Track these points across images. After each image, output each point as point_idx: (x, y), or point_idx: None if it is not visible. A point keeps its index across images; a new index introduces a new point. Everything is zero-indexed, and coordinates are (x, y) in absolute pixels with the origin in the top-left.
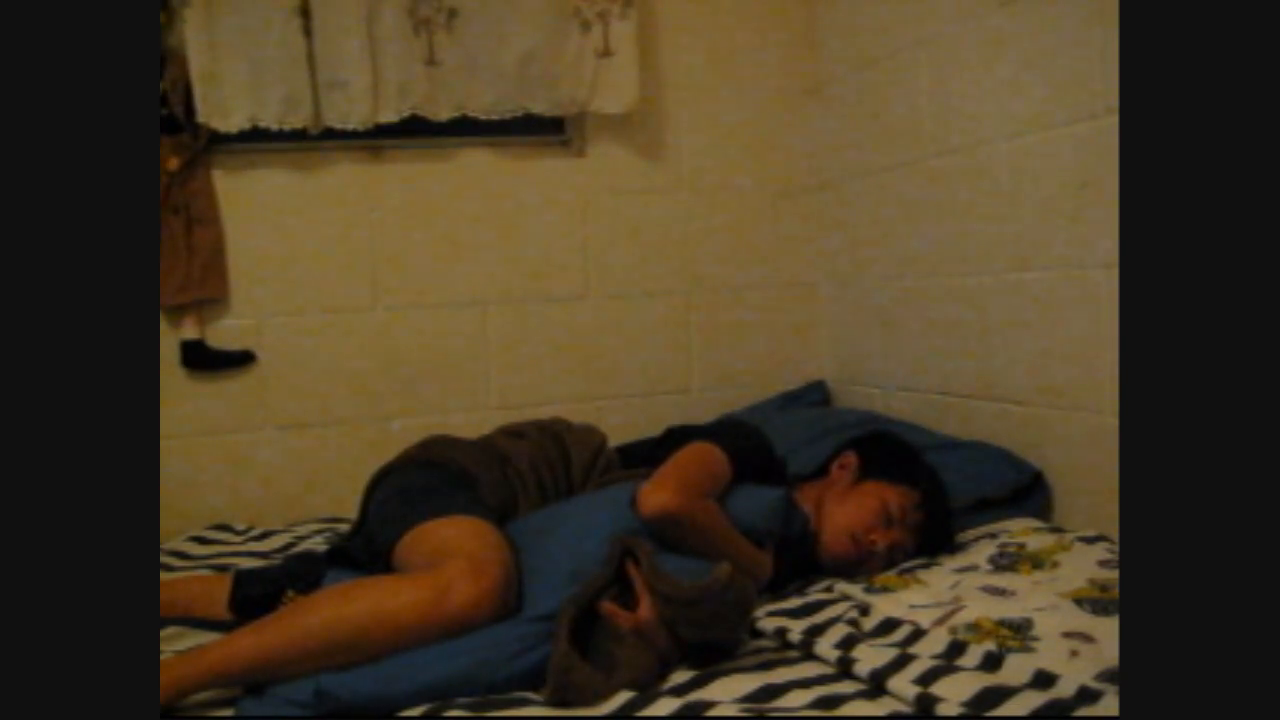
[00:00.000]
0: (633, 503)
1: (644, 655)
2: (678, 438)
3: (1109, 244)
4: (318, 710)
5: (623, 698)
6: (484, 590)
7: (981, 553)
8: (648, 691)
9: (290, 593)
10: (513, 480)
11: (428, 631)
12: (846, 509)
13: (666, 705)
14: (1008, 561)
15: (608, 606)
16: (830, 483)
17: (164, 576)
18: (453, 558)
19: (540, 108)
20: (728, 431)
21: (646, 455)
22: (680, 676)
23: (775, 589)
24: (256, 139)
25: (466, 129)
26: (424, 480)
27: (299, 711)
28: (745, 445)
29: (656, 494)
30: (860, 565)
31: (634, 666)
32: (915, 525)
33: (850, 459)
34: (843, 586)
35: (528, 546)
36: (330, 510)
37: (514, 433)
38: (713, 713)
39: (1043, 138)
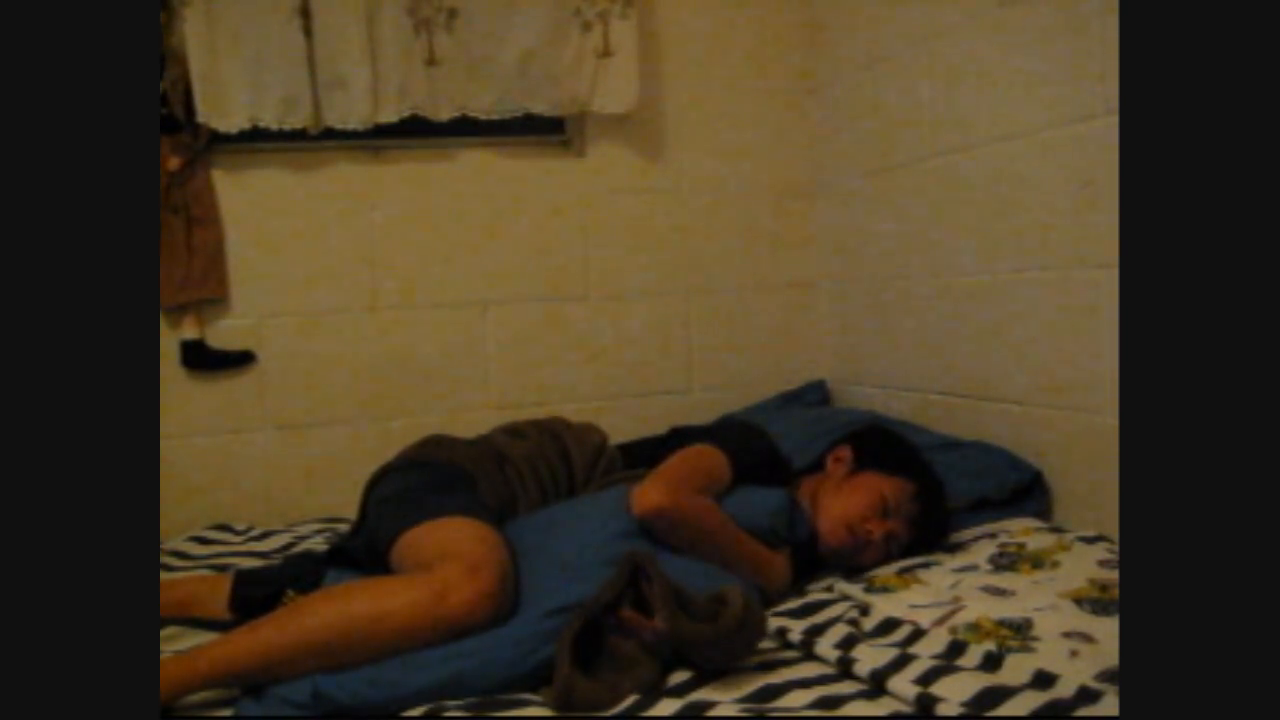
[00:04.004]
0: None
1: (650, 664)
2: (680, 438)
3: (1109, 244)
4: (315, 711)
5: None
6: (481, 592)
7: (981, 553)
8: (649, 692)
9: (290, 593)
10: (512, 480)
11: (425, 633)
12: (842, 499)
13: (667, 706)
14: (1008, 561)
15: (630, 616)
16: (826, 475)
17: (164, 576)
18: (450, 559)
19: (540, 108)
20: (729, 433)
21: (650, 455)
22: (680, 676)
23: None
24: (256, 139)
25: (466, 129)
26: (422, 481)
27: (296, 712)
28: (746, 447)
29: (649, 493)
30: (856, 556)
31: (639, 676)
32: (910, 516)
33: (845, 451)
34: (843, 586)
35: (527, 547)
36: (330, 510)
37: (513, 432)
38: (713, 713)
39: (1043, 138)
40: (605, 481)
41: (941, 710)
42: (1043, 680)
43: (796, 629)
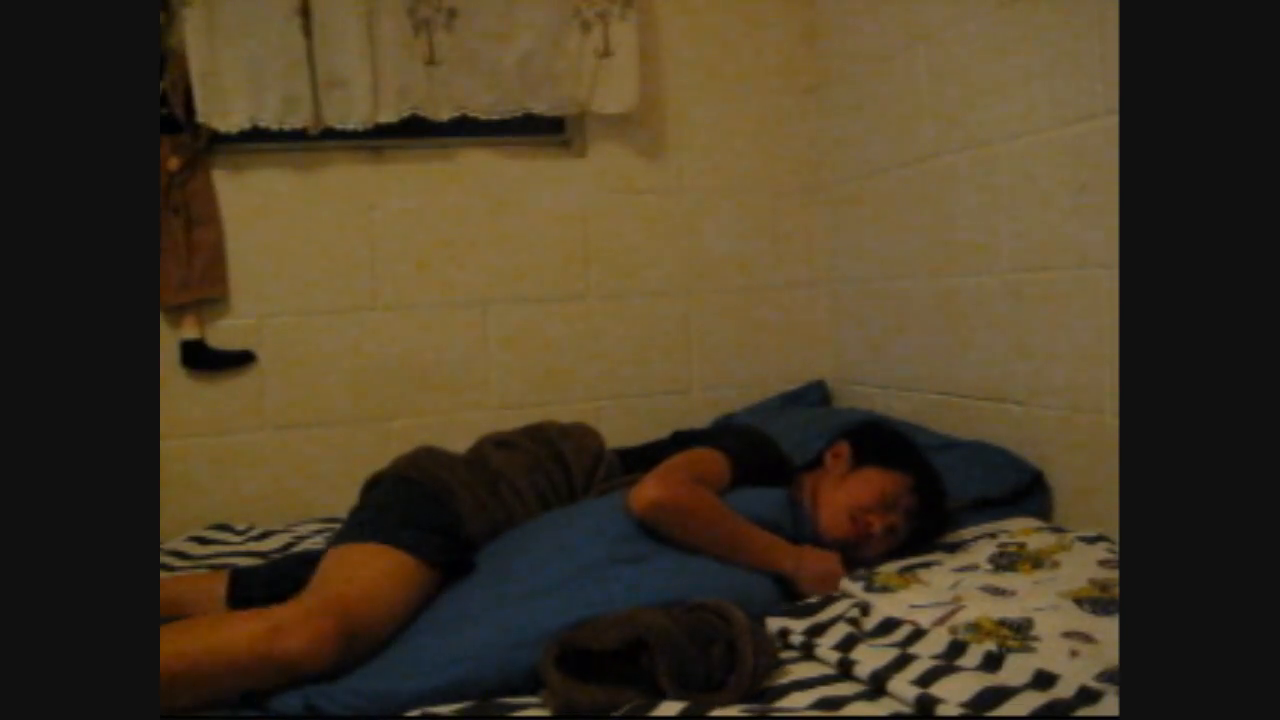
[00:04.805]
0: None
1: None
2: (680, 442)
3: (1109, 244)
4: None
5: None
6: (315, 636)
7: (981, 553)
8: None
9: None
10: (508, 499)
11: (256, 671)
12: (843, 494)
13: (669, 707)
14: (1008, 561)
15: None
16: (825, 471)
17: (163, 576)
18: (313, 593)
19: (540, 108)
20: (728, 435)
21: (650, 459)
22: None
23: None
24: (256, 139)
25: (466, 129)
26: (383, 500)
27: None
28: (746, 449)
29: (644, 489)
30: (857, 550)
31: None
32: (909, 509)
33: (843, 448)
34: (843, 585)
35: (524, 549)
36: (330, 510)
37: (505, 444)
38: (714, 713)
39: (1043, 138)
40: (606, 487)
41: (941, 711)
42: (1043, 680)
43: (797, 629)
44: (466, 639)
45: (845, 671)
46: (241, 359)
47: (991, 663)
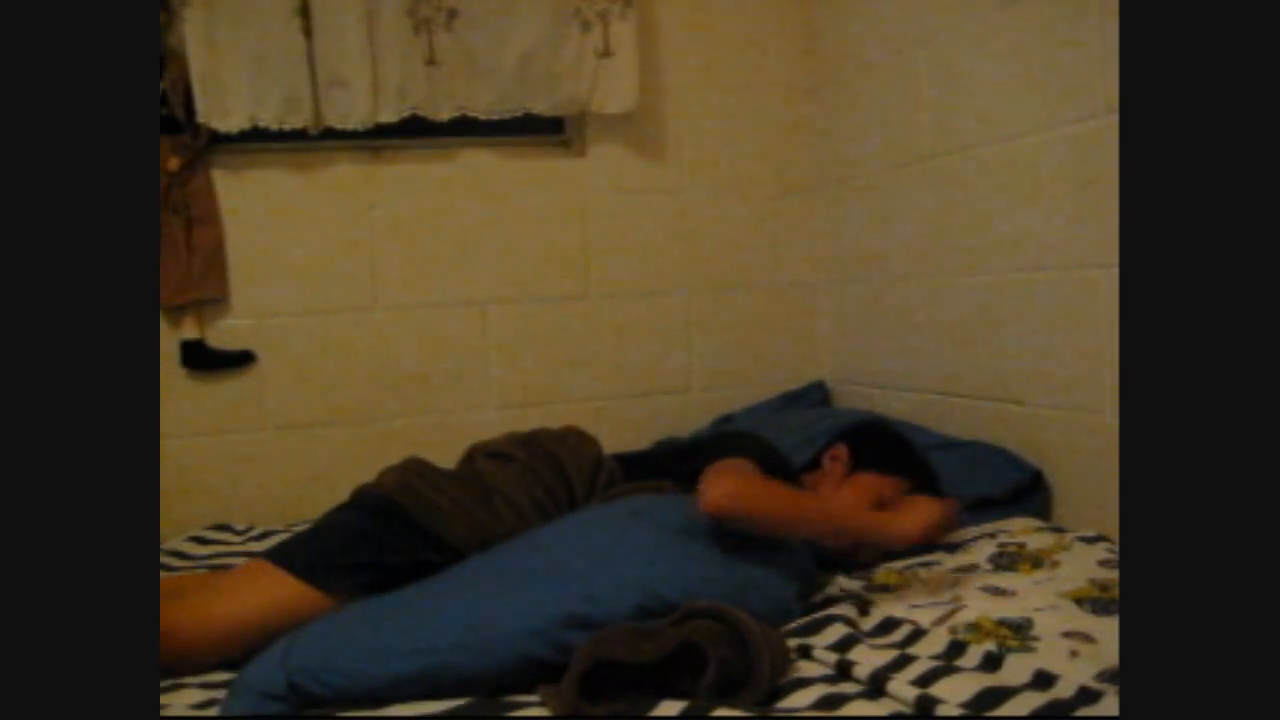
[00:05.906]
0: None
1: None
2: (683, 452)
3: (1109, 244)
4: (294, 704)
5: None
6: None
7: (981, 552)
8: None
9: None
10: (504, 515)
11: None
12: (841, 499)
13: (671, 707)
14: (1008, 561)
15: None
16: (824, 474)
17: (162, 576)
18: (177, 598)
19: (540, 108)
20: (741, 445)
21: (651, 468)
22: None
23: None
24: (256, 139)
25: (466, 129)
26: (337, 522)
27: (277, 706)
28: (759, 457)
29: (717, 485)
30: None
31: (650, 702)
32: None
33: (841, 450)
34: (843, 583)
35: (518, 547)
36: None
37: (497, 454)
38: (715, 713)
39: (1043, 138)
40: (611, 494)
41: (941, 711)
42: (1043, 680)
43: (793, 628)
44: (452, 626)
45: (844, 672)
46: (241, 359)
47: (991, 663)
